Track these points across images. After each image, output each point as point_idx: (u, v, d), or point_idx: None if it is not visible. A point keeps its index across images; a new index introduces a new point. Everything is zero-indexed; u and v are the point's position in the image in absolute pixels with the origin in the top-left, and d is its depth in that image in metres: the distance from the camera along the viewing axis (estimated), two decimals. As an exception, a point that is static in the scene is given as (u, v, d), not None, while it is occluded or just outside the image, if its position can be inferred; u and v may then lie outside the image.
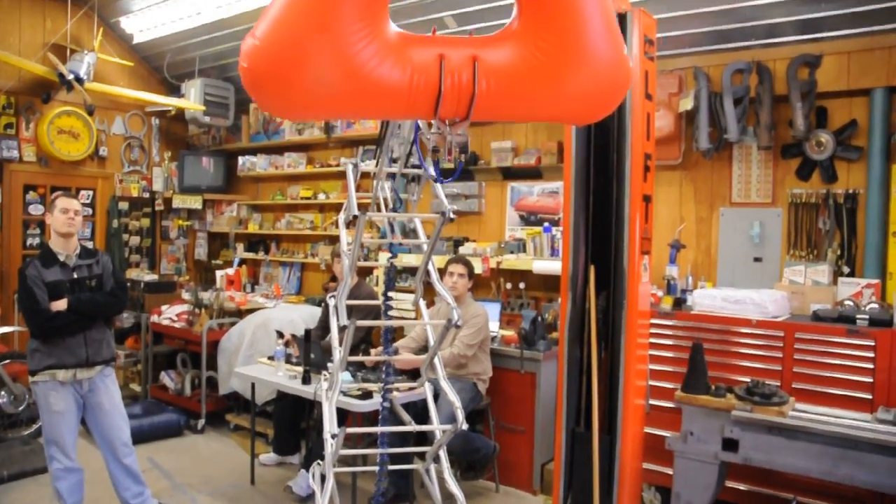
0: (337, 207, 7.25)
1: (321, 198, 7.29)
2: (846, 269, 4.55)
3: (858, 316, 3.99)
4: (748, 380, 3.61)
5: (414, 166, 2.58)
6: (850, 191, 4.59)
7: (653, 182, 3.43)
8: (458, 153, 1.92)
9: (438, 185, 2.24)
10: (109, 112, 7.75)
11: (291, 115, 1.88)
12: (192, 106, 7.38)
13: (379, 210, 2.76)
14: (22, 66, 6.48)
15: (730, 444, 3.46)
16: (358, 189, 2.54)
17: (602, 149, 3.48)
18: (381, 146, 2.55)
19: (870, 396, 3.81)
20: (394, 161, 2.73)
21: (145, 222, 8.10)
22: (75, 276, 3.88)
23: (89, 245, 5.51)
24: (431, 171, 2.15)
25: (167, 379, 6.52)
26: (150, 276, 7.56)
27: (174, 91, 7.86)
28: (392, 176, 2.78)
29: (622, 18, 3.29)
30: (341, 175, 7.11)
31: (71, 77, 6.60)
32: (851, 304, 4.22)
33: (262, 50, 1.59)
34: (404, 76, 1.63)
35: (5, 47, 6.64)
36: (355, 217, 2.11)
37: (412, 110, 1.72)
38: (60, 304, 3.74)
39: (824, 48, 4.60)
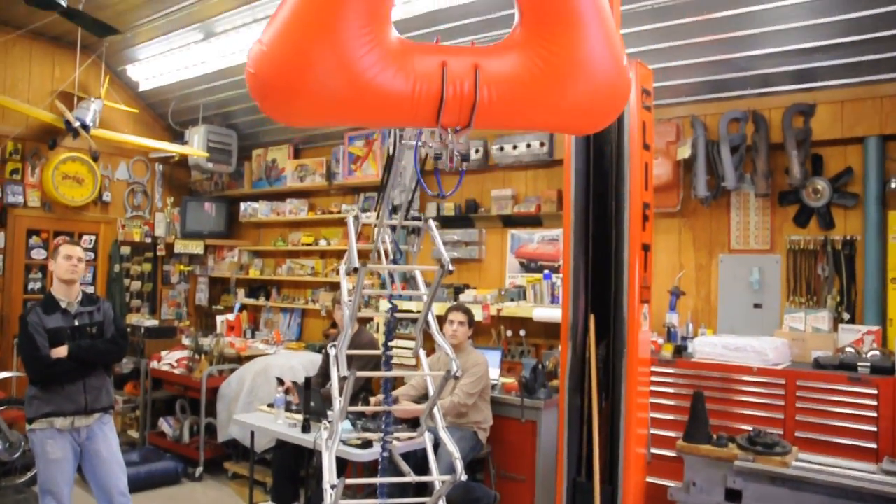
0: (338, 254, 7.29)
1: (322, 244, 7.33)
2: (846, 316, 4.55)
3: (860, 363, 3.98)
4: (750, 428, 3.59)
5: (414, 218, 2.61)
6: (848, 237, 4.62)
7: (651, 231, 3.46)
8: (459, 161, 1.93)
9: (437, 237, 2.26)
10: (114, 158, 7.84)
11: (296, 120, 1.91)
12: (195, 152, 7.47)
13: (379, 261, 2.77)
14: (30, 113, 6.59)
15: (733, 495, 3.43)
16: (359, 239, 2.56)
17: (601, 197, 3.52)
18: (382, 196, 2.58)
19: (874, 446, 3.77)
20: (395, 210, 2.76)
21: (147, 267, 8.12)
22: (76, 322, 3.89)
23: (90, 290, 5.54)
24: (430, 190, 2.18)
25: (165, 425, 6.47)
26: (151, 322, 7.55)
27: (178, 137, 7.96)
28: (393, 227, 2.81)
29: (619, 71, 3.36)
30: (342, 222, 7.16)
31: (77, 124, 6.69)
32: (853, 351, 4.21)
33: (267, 55, 1.62)
34: (407, 83, 1.64)
35: (15, 94, 6.77)
36: (356, 268, 2.13)
37: (414, 118, 1.74)
38: (60, 352, 3.74)
39: (818, 97, 4.69)
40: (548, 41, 1.69)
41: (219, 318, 7.59)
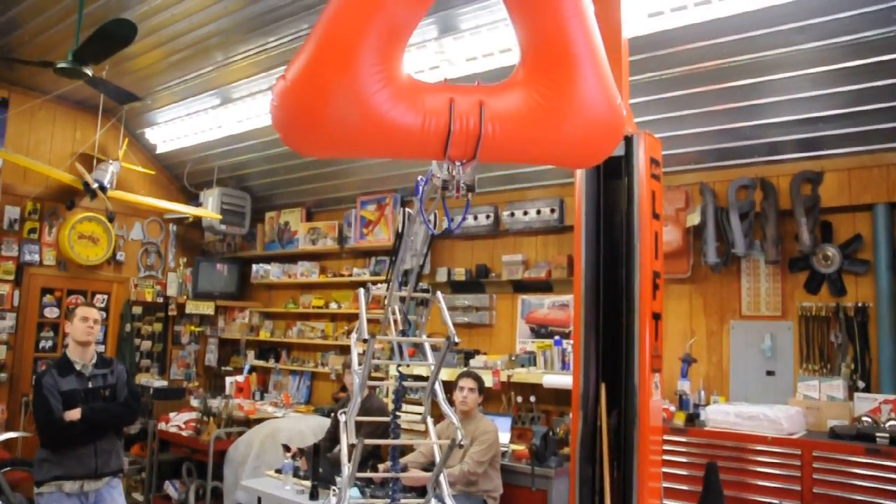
0: (348, 317, 7.30)
1: (333, 307, 7.35)
2: (861, 384, 4.49)
3: (878, 434, 3.91)
4: (766, 500, 3.52)
5: (423, 290, 2.66)
6: (860, 304, 4.60)
7: (662, 299, 3.46)
8: (465, 191, 2.04)
9: (445, 309, 2.31)
10: (129, 218, 7.96)
11: (315, 150, 2.06)
12: (209, 214, 7.57)
13: (389, 331, 2.80)
14: (51, 174, 6.72)
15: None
16: (370, 305, 2.60)
17: (611, 264, 3.53)
18: (392, 269, 2.62)
19: (895, 520, 3.68)
20: (406, 274, 2.79)
21: (158, 327, 8.15)
22: (90, 385, 3.90)
23: (101, 349, 5.55)
24: (432, 227, 2.27)
25: (171, 489, 6.38)
26: (160, 382, 7.53)
27: (193, 199, 8.09)
28: (402, 298, 2.84)
29: (629, 141, 3.43)
30: (354, 285, 7.20)
31: (95, 186, 6.81)
32: (870, 420, 4.14)
33: (290, 90, 1.78)
34: (417, 118, 1.79)
35: (38, 156, 6.93)
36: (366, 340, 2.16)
37: (424, 150, 1.87)
38: (74, 414, 3.74)
39: (825, 165, 4.74)
40: (547, 81, 1.86)
41: (228, 380, 7.57)
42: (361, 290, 2.55)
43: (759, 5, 3.82)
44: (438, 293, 2.51)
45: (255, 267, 8.09)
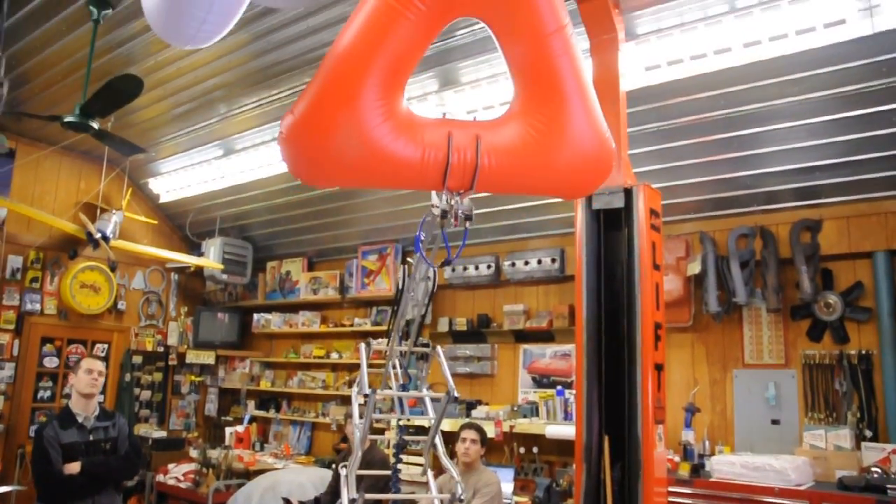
0: (349, 367, 7.27)
1: (334, 357, 7.33)
2: (868, 433, 4.44)
3: (889, 486, 3.85)
4: (774, 556, 3.45)
5: (423, 344, 2.67)
6: (864, 351, 4.58)
7: (664, 350, 3.45)
8: (463, 220, 2.09)
9: (444, 364, 2.35)
10: (131, 267, 7.98)
11: (319, 180, 2.12)
12: (210, 264, 7.60)
13: (390, 384, 2.80)
14: (54, 224, 6.77)
15: None
16: (371, 357, 2.61)
17: (613, 315, 3.53)
18: (392, 323, 2.63)
19: (905, 576, 3.61)
20: (408, 325, 2.80)
21: (157, 377, 8.10)
22: (91, 438, 3.87)
23: (100, 399, 5.49)
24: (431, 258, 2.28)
25: (168, 543, 6.27)
26: (159, 433, 7.46)
27: (195, 248, 8.12)
28: (403, 353, 2.85)
29: (628, 193, 3.46)
30: (355, 335, 7.19)
31: (98, 236, 6.86)
32: (879, 471, 4.08)
33: (297, 123, 1.90)
34: (417, 151, 1.90)
35: (42, 205, 6.99)
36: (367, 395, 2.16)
37: (423, 181, 1.97)
38: (73, 468, 3.70)
39: (824, 213, 4.77)
40: (539, 115, 1.98)
41: (228, 430, 7.49)
42: (362, 345, 2.56)
43: (752, 59, 3.91)
44: (438, 348, 2.53)
45: (256, 316, 8.08)
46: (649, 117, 4.54)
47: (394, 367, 2.75)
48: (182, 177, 7.14)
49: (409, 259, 2.66)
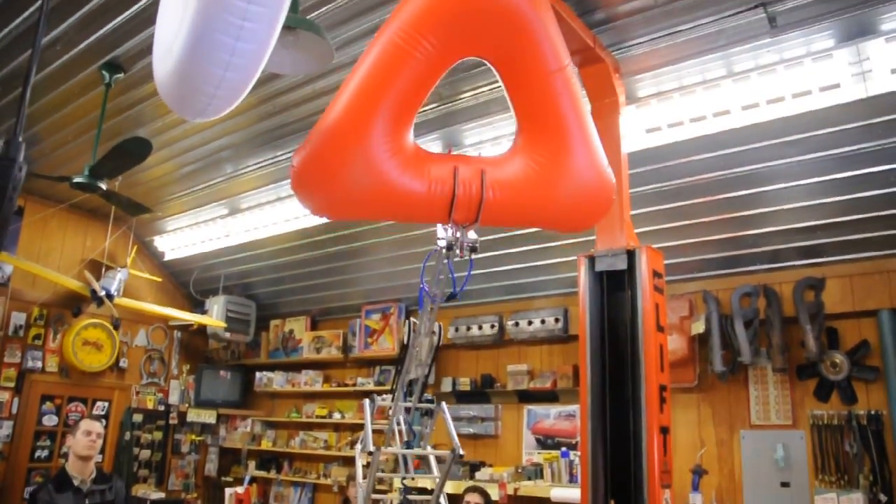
0: (352, 427, 7.18)
1: (336, 417, 7.25)
2: (883, 498, 4.35)
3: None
4: None
5: (427, 400, 2.65)
6: (873, 412, 4.52)
7: (670, 413, 3.41)
8: (469, 251, 2.16)
9: (449, 421, 2.34)
10: (134, 325, 7.97)
11: (330, 211, 2.21)
12: (214, 322, 7.59)
13: (394, 442, 2.78)
14: (59, 281, 6.78)
15: None
16: (375, 414, 2.61)
17: (617, 374, 3.50)
18: (397, 380, 2.62)
19: None
20: (411, 384, 2.79)
21: (157, 435, 7.99)
22: (87, 502, 3.80)
23: (99, 458, 5.41)
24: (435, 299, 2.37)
25: None
26: (157, 494, 7.33)
27: (198, 306, 8.12)
28: (407, 409, 2.82)
29: (631, 255, 3.47)
30: (358, 394, 7.12)
31: (102, 293, 6.86)
32: (892, 538, 3.99)
33: (310, 155, 1.98)
34: (423, 185, 1.99)
35: (48, 262, 7.02)
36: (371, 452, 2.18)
37: (430, 214, 2.06)
38: (67, 533, 3.63)
39: (826, 272, 4.78)
40: (541, 151, 2.08)
41: (228, 491, 7.33)
42: (367, 401, 2.56)
43: (750, 121, 3.97)
44: (443, 404, 2.52)
45: (258, 375, 8.03)
46: (651, 178, 4.60)
47: (398, 424, 2.74)
48: (187, 235, 7.19)
49: (412, 318, 2.66)
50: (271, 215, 6.21)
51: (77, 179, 4.58)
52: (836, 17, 3.42)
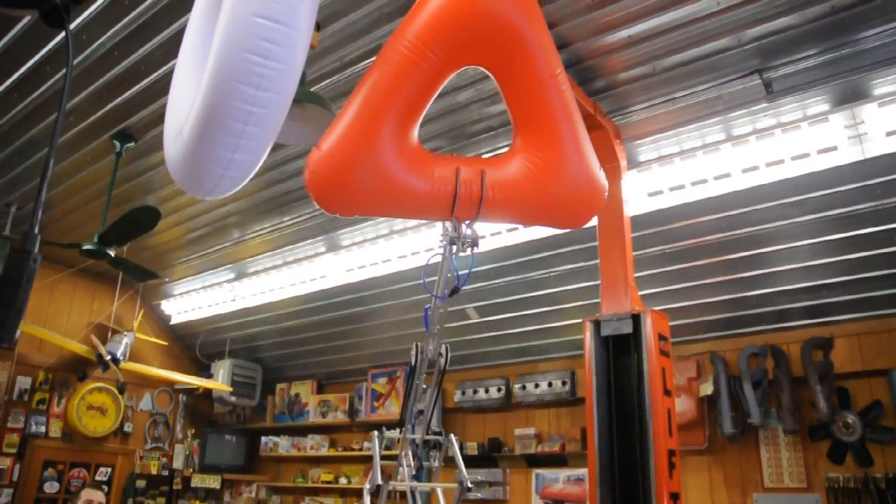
0: (358, 493, 7.06)
1: (343, 482, 7.14)
2: (903, 565, 4.24)
3: None
4: None
5: (435, 433, 2.67)
6: (891, 475, 4.43)
7: (679, 478, 3.36)
8: (470, 246, 2.34)
9: (458, 453, 2.48)
10: (139, 389, 7.93)
11: (341, 209, 2.36)
12: (219, 386, 7.55)
13: (402, 478, 2.78)
14: (65, 345, 6.78)
15: None
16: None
17: (626, 441, 3.46)
18: (405, 408, 2.61)
19: None
20: (418, 417, 2.79)
21: (161, 501, 7.85)
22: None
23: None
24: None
25: None
26: (160, 563, 7.18)
27: (204, 369, 8.09)
28: (415, 445, 2.81)
29: (636, 319, 3.47)
30: (364, 459, 7.03)
31: (108, 358, 6.85)
32: None
33: (324, 158, 2.15)
34: (428, 184, 2.17)
35: (55, 326, 7.02)
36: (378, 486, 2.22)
37: (434, 211, 2.23)
38: None
39: (834, 331, 4.76)
40: (536, 152, 2.24)
41: (232, 559, 7.20)
42: (375, 433, 2.60)
43: (751, 183, 4.03)
44: (451, 435, 2.56)
45: (264, 439, 7.94)
46: (655, 240, 4.63)
47: (406, 457, 2.74)
48: (194, 299, 7.22)
49: (418, 341, 2.68)
50: (278, 280, 6.26)
51: (86, 247, 4.63)
52: (830, 82, 3.50)
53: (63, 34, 1.21)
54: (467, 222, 2.29)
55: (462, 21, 2.18)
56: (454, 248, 2.34)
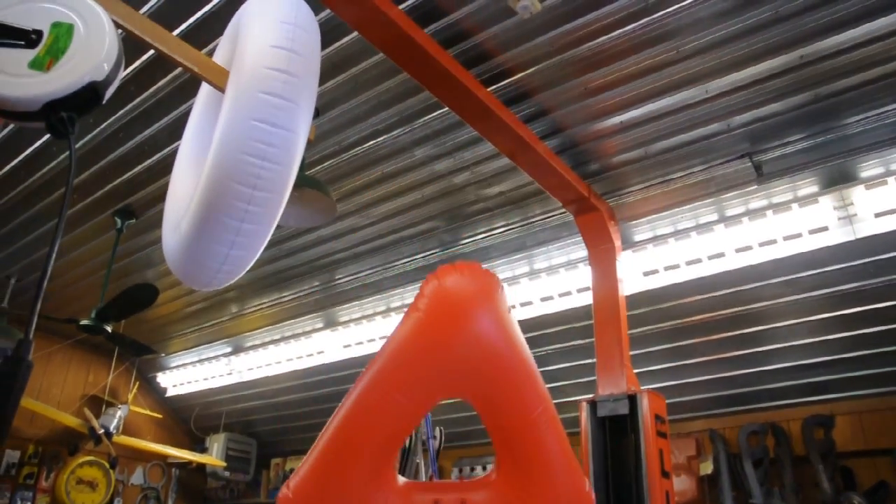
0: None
1: (336, 559, 6.93)
2: None
3: None
4: None
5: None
6: (900, 560, 4.32)
7: (680, 566, 3.29)
8: None
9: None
10: (132, 462, 7.77)
11: None
12: (213, 461, 7.43)
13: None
14: (58, 417, 6.69)
15: None
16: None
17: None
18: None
19: None
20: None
21: (149, 585, 7.64)
22: None
23: None
24: None
25: None
26: None
27: (198, 443, 7.97)
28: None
29: (633, 399, 3.45)
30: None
31: (101, 432, 6.76)
32: None
33: (299, 490, 1.99)
34: None
35: (48, 399, 6.93)
36: None
37: None
38: None
39: (835, 409, 4.70)
40: (522, 480, 2.07)
41: None
42: None
43: (744, 263, 4.06)
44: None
45: (257, 515, 7.77)
46: (651, 318, 4.64)
47: None
48: (190, 372, 7.19)
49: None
50: (275, 354, 6.25)
51: (84, 322, 4.65)
52: (818, 165, 3.59)
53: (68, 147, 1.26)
54: None
55: (434, 361, 2.01)
56: None
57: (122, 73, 1.49)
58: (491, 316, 1.99)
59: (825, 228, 3.80)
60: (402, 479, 2.10)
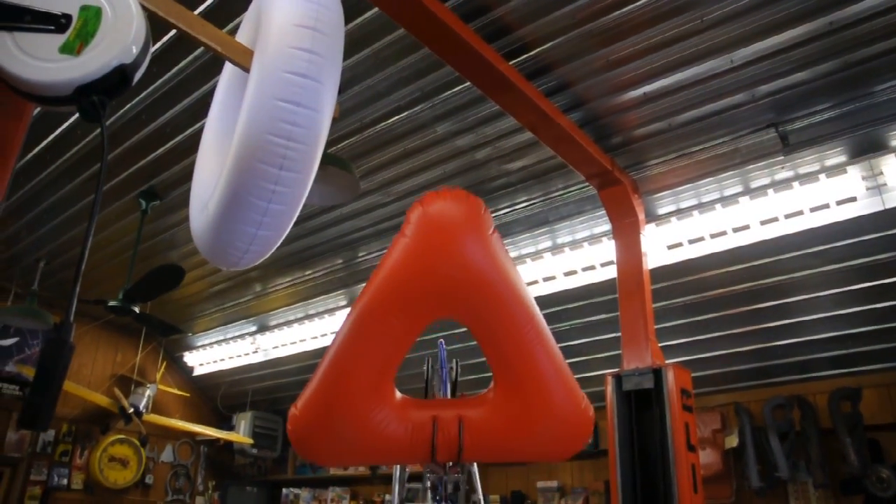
0: (379, 547, 6.98)
1: (364, 534, 7.06)
2: None
3: None
4: None
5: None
6: (929, 532, 4.30)
7: (707, 537, 3.30)
8: (452, 490, 2.41)
9: (477, 480, 2.65)
10: (161, 440, 7.93)
11: (324, 462, 2.56)
12: (240, 438, 7.54)
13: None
14: (89, 397, 6.82)
15: None
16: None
17: (650, 498, 3.41)
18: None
19: None
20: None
21: (181, 555, 7.81)
22: None
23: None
24: None
25: None
26: None
27: (226, 421, 8.10)
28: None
29: (658, 373, 3.45)
30: (385, 511, 6.95)
31: (131, 411, 6.89)
32: None
33: (300, 418, 2.15)
34: (407, 434, 2.14)
35: (79, 378, 7.07)
36: None
37: (414, 458, 2.20)
38: None
39: (862, 381, 4.66)
40: (519, 396, 2.15)
41: None
42: (397, 467, 2.66)
43: (770, 234, 4.01)
44: (475, 465, 2.59)
45: (284, 491, 7.87)
46: (676, 292, 4.61)
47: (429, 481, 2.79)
48: (216, 351, 7.27)
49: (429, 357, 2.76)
50: (299, 332, 6.30)
51: (112, 303, 4.71)
52: (846, 134, 3.52)
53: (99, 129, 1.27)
54: (450, 464, 2.31)
55: (426, 285, 2.10)
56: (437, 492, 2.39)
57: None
58: (476, 239, 2.09)
59: (853, 199, 3.74)
60: (399, 395, 2.20)
